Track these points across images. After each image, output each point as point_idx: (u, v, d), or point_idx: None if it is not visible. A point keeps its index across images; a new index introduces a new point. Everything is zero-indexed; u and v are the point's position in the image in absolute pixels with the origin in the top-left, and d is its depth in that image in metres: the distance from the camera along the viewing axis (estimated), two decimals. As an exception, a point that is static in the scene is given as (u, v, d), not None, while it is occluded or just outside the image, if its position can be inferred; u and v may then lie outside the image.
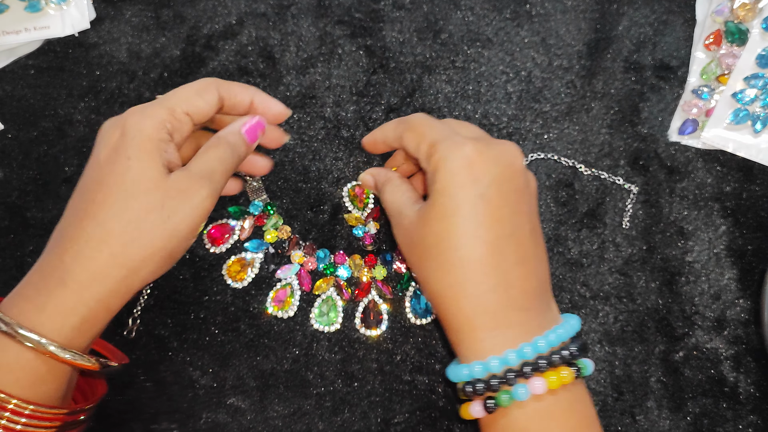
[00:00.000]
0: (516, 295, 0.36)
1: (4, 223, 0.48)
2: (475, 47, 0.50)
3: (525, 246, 0.36)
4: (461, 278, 0.35)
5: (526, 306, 0.36)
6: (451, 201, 0.35)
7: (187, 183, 0.36)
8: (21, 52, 0.51)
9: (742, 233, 0.47)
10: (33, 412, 0.34)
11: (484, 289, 0.35)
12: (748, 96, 0.47)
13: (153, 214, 0.35)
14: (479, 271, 0.35)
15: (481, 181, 0.36)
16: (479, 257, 0.35)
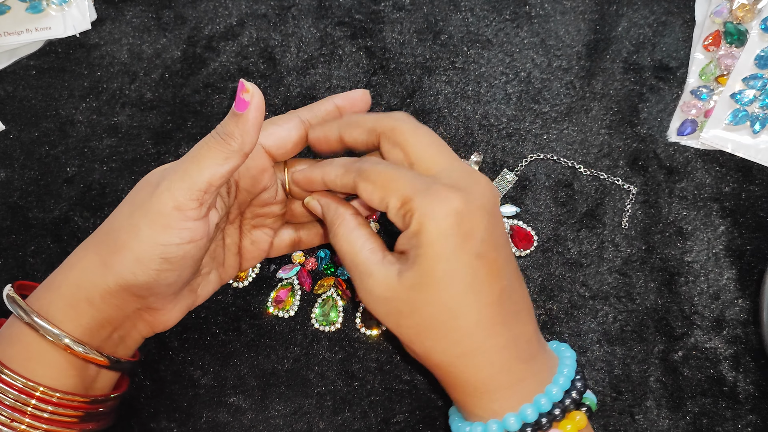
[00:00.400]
0: (522, 346, 0.34)
1: (6, 223, 0.48)
2: (475, 48, 0.50)
3: (518, 290, 0.35)
4: (470, 347, 0.33)
5: (533, 354, 0.35)
6: (447, 266, 0.32)
7: (157, 177, 0.36)
8: (22, 53, 0.51)
9: (741, 233, 0.47)
10: (60, 399, 0.36)
11: (494, 351, 0.34)
12: (747, 97, 0.47)
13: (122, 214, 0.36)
14: (488, 335, 0.33)
15: (474, 238, 0.33)
16: (486, 321, 0.33)
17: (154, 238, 0.34)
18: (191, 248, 0.35)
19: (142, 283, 0.35)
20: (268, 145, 0.39)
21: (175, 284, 0.37)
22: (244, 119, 0.34)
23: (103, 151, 0.49)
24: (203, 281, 0.42)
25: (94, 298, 0.36)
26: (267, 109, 0.50)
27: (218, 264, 0.42)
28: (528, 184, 0.48)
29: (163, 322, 0.40)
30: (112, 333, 0.38)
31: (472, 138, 0.49)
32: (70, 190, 0.49)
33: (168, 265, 0.35)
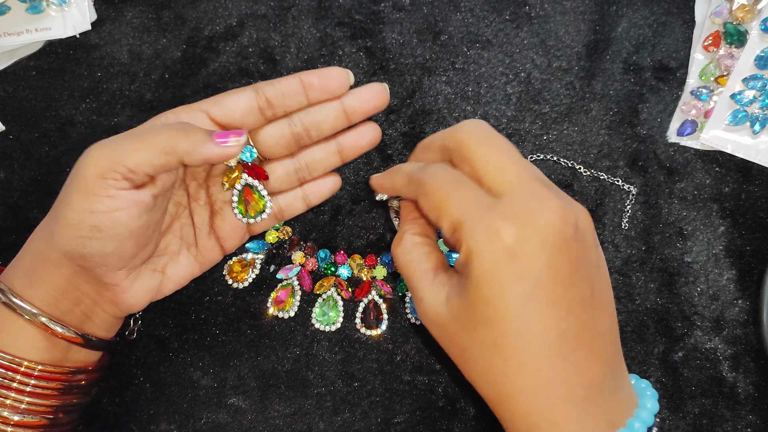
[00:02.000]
0: (576, 385, 0.30)
1: (6, 223, 0.48)
2: (475, 49, 0.50)
3: (585, 320, 0.30)
4: (519, 385, 0.30)
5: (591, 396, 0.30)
6: (491, 308, 0.29)
7: None
8: (22, 54, 0.51)
9: (740, 234, 0.47)
10: (41, 372, 0.37)
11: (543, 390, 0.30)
12: (747, 97, 0.47)
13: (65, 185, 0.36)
14: (537, 373, 0.30)
15: (527, 279, 0.29)
16: (534, 359, 0.30)
17: (82, 204, 0.34)
18: (122, 216, 0.35)
19: (76, 251, 0.35)
20: (215, 115, 0.39)
21: (115, 255, 0.36)
22: (209, 145, 0.36)
23: (103, 152, 0.49)
24: (171, 261, 0.41)
25: (45, 269, 0.37)
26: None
27: (189, 244, 0.42)
28: (528, 184, 0.48)
29: (124, 301, 0.39)
30: (72, 308, 0.38)
31: (472, 138, 0.49)
32: (70, 190, 0.49)
33: (99, 233, 0.34)
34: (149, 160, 0.34)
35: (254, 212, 0.42)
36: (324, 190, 0.45)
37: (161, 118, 0.39)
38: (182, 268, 0.42)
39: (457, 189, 0.31)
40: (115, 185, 0.34)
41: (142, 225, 0.36)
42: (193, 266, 0.42)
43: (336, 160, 0.44)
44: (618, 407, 0.31)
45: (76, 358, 0.39)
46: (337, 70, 0.40)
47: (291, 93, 0.40)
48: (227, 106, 0.39)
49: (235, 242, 0.43)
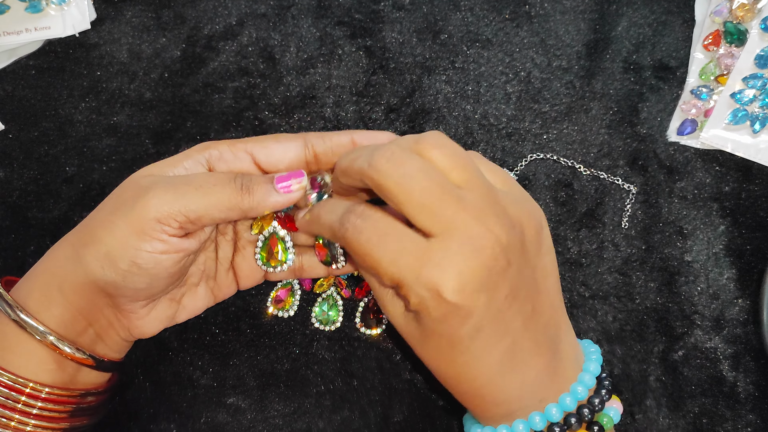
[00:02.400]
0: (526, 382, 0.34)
1: (5, 223, 0.48)
2: (475, 48, 0.50)
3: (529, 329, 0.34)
4: (477, 398, 0.35)
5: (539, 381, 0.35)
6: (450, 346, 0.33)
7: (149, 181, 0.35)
8: (22, 53, 0.51)
9: (741, 233, 0.47)
10: (48, 394, 0.36)
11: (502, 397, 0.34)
12: (747, 96, 0.47)
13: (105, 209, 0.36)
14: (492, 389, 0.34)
15: (471, 321, 0.31)
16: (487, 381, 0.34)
17: (128, 239, 0.34)
18: (165, 260, 0.35)
19: (109, 280, 0.35)
20: (259, 159, 0.38)
21: (145, 291, 0.36)
22: (274, 196, 0.35)
23: (103, 151, 0.49)
24: (189, 292, 0.41)
25: (65, 288, 0.36)
26: (266, 109, 0.50)
27: (208, 277, 0.41)
28: (528, 183, 0.48)
29: (138, 327, 0.39)
30: (87, 328, 0.37)
31: (471, 138, 0.49)
32: (70, 189, 0.49)
33: (137, 270, 0.35)
34: (212, 215, 0.35)
35: (275, 262, 0.41)
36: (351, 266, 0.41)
37: (205, 153, 0.37)
38: (199, 300, 0.41)
39: (385, 244, 0.31)
40: (169, 232, 0.34)
41: (181, 268, 0.37)
42: (209, 299, 0.42)
43: None
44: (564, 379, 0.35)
45: (85, 380, 0.38)
46: (386, 135, 0.38)
47: (341, 152, 0.38)
48: (274, 154, 0.38)
49: (251, 282, 0.43)
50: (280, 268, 0.41)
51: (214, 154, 0.37)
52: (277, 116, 0.50)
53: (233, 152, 0.37)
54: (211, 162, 0.37)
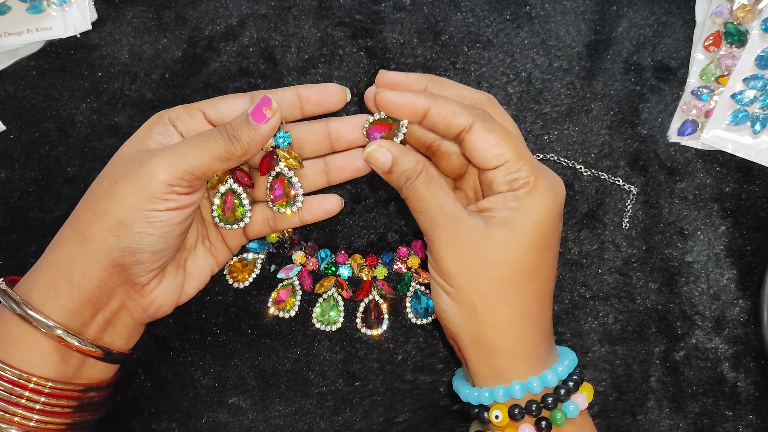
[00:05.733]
0: (548, 332, 0.38)
1: (7, 223, 0.48)
2: (476, 48, 0.50)
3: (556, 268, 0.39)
4: (533, 310, 0.37)
5: (551, 342, 0.39)
6: (545, 238, 0.36)
7: (139, 155, 0.37)
8: (23, 53, 0.51)
9: (741, 234, 0.47)
10: (51, 389, 0.36)
11: (546, 321, 0.38)
12: (748, 97, 0.47)
13: (101, 187, 0.37)
14: (548, 305, 0.38)
15: (560, 226, 0.38)
16: (540, 295, 0.37)
17: (139, 204, 0.36)
18: (177, 215, 0.37)
19: (124, 246, 0.36)
20: (210, 115, 0.40)
21: (160, 253, 0.37)
22: (256, 131, 0.37)
23: (104, 152, 0.49)
24: (190, 256, 0.42)
25: (72, 274, 0.36)
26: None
27: (203, 236, 0.43)
28: (529, 184, 0.48)
29: (153, 301, 0.39)
30: (96, 314, 0.37)
31: (472, 138, 0.49)
32: (71, 190, 0.49)
33: (152, 230, 0.36)
34: (214, 167, 0.37)
35: (231, 219, 0.41)
36: (319, 210, 0.43)
37: (164, 117, 0.40)
38: (201, 262, 0.42)
39: (520, 143, 0.38)
40: (179, 191, 0.36)
41: (189, 223, 0.39)
42: (210, 260, 0.43)
43: (322, 181, 0.43)
44: (550, 360, 0.38)
45: (89, 374, 0.38)
46: (334, 87, 0.41)
47: (286, 104, 0.40)
48: (222, 109, 0.40)
49: (235, 242, 0.44)
50: (236, 225, 0.41)
51: (172, 116, 0.40)
52: (278, 117, 0.50)
53: (187, 112, 0.40)
54: (173, 123, 0.39)
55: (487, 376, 0.37)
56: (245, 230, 0.44)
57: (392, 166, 0.38)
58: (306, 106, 0.41)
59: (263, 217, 0.43)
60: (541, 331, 0.37)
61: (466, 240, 0.36)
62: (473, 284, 0.36)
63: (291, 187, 0.41)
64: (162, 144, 0.38)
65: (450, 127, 0.37)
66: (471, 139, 0.36)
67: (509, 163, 0.36)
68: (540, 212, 0.36)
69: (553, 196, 0.36)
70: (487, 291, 0.36)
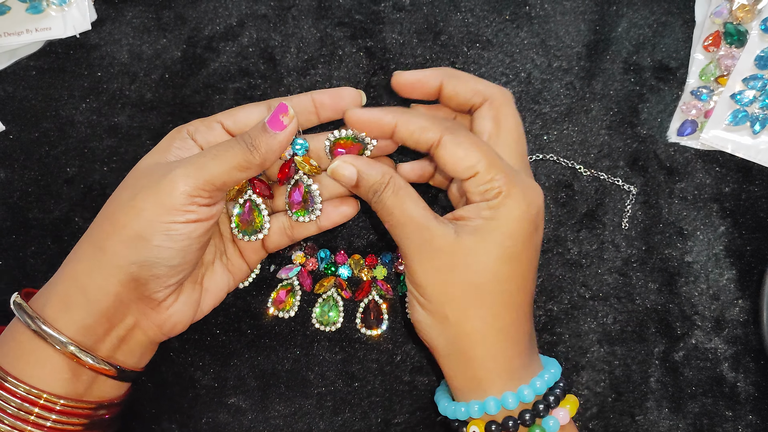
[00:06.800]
0: (527, 343, 0.37)
1: (6, 223, 0.48)
2: (475, 49, 0.50)
3: (534, 275, 0.38)
4: (506, 323, 0.36)
5: (530, 353, 0.38)
6: (518, 248, 0.35)
7: (159, 167, 0.37)
8: (22, 54, 0.51)
9: (741, 234, 0.47)
10: (63, 407, 0.35)
11: (522, 334, 0.37)
12: (747, 97, 0.47)
13: (119, 200, 0.37)
14: (524, 317, 0.37)
15: (539, 234, 0.37)
16: (527, 304, 0.37)
17: (159, 217, 0.35)
18: (196, 228, 0.36)
19: (142, 260, 0.35)
20: (228, 125, 0.40)
21: (178, 267, 0.37)
22: (274, 139, 0.37)
23: (104, 152, 0.49)
24: (207, 271, 0.41)
25: (88, 288, 0.36)
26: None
27: (220, 252, 0.42)
28: (528, 184, 0.48)
29: (169, 319, 0.39)
30: (110, 330, 0.37)
31: (472, 138, 0.49)
32: (71, 190, 0.49)
33: (170, 243, 0.35)
34: (234, 177, 0.36)
35: (250, 230, 0.41)
36: (336, 214, 0.42)
37: (182, 131, 0.40)
38: (218, 278, 0.41)
39: (490, 146, 0.37)
40: (200, 202, 0.36)
41: (209, 237, 0.38)
42: (227, 277, 0.42)
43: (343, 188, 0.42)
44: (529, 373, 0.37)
45: (100, 392, 0.38)
46: (349, 91, 0.40)
47: (301, 111, 0.40)
48: (239, 119, 0.40)
49: (253, 255, 0.43)
50: (255, 236, 0.41)
51: (191, 129, 0.40)
52: (277, 117, 0.50)
53: (205, 125, 0.40)
54: (192, 136, 0.39)
55: (465, 389, 0.37)
56: (264, 243, 0.43)
57: (358, 180, 0.38)
58: (322, 111, 0.41)
59: (280, 228, 0.42)
60: (516, 344, 0.36)
61: (436, 249, 0.35)
62: (444, 294, 0.35)
63: (309, 195, 0.40)
64: (181, 157, 0.38)
65: (419, 142, 0.37)
66: (440, 153, 0.36)
67: (480, 174, 0.35)
68: (511, 221, 0.35)
69: (527, 204, 0.35)
70: (458, 301, 0.35)
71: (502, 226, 0.35)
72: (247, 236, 0.41)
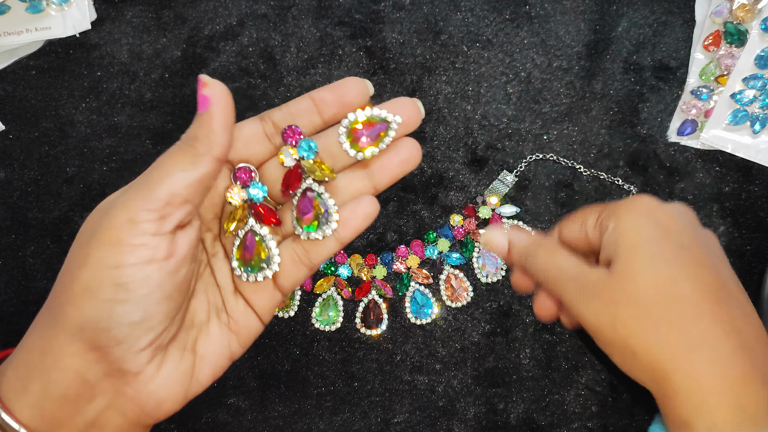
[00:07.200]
0: (760, 359, 0.30)
1: (6, 223, 0.48)
2: (475, 48, 0.50)
3: (743, 302, 0.31)
4: (694, 334, 0.30)
5: None
6: (646, 255, 0.31)
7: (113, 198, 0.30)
8: (22, 53, 0.51)
9: (741, 233, 0.47)
10: None
11: (725, 348, 0.29)
12: (747, 97, 0.47)
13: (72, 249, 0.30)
14: (712, 322, 0.30)
15: (673, 231, 0.32)
16: (706, 307, 0.30)
17: (105, 260, 0.28)
18: (154, 272, 0.28)
19: (93, 319, 0.28)
20: None
21: (143, 325, 0.29)
22: (207, 117, 0.29)
23: (103, 152, 0.49)
24: (201, 334, 0.32)
25: (44, 364, 0.29)
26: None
27: (218, 309, 0.33)
28: (528, 184, 0.48)
29: (151, 395, 0.30)
30: (74, 415, 0.29)
31: (472, 138, 0.49)
32: (70, 190, 0.49)
33: (124, 294, 0.28)
34: (183, 182, 0.29)
35: (256, 265, 0.32)
36: (355, 218, 0.33)
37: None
38: (215, 341, 0.33)
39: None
40: (149, 230, 0.28)
41: (178, 283, 0.30)
42: (228, 338, 0.33)
43: (365, 187, 0.34)
44: None
45: None
46: (352, 80, 0.33)
47: (301, 112, 0.33)
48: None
49: (265, 302, 0.34)
50: (261, 274, 0.32)
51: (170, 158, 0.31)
52: (277, 117, 0.50)
53: None
54: None
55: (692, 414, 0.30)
56: (277, 281, 0.33)
57: (512, 246, 0.37)
58: (325, 109, 0.34)
59: (292, 256, 0.33)
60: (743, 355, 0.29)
61: (594, 289, 0.32)
62: (616, 329, 0.31)
63: (322, 204, 0.32)
64: None
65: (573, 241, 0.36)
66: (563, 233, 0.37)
67: (588, 223, 0.35)
68: (631, 230, 0.32)
69: (641, 210, 0.32)
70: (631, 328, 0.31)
71: (623, 244, 0.32)
72: (252, 274, 0.32)
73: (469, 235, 0.48)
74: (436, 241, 0.48)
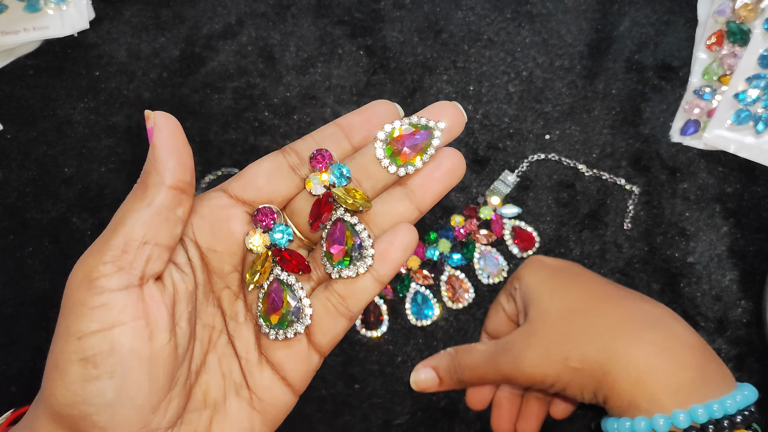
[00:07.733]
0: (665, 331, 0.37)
1: (4, 223, 0.48)
2: (476, 47, 0.50)
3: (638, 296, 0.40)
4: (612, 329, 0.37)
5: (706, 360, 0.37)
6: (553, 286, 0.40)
7: None
8: (20, 53, 0.50)
9: (743, 234, 0.47)
10: None
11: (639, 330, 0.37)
12: (750, 96, 0.47)
13: None
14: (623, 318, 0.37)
15: (564, 268, 0.42)
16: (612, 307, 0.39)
17: (68, 329, 0.24)
18: (123, 338, 0.24)
19: (66, 403, 0.24)
20: (234, 189, 0.29)
21: (123, 407, 0.24)
22: (151, 148, 0.26)
23: (102, 152, 0.49)
24: (217, 416, 0.28)
25: None
26: (266, 110, 0.49)
27: (237, 385, 0.29)
28: (530, 184, 0.48)
29: None
30: None
31: (473, 138, 0.49)
32: (68, 190, 0.48)
33: (93, 369, 0.24)
34: (139, 220, 0.25)
35: (285, 320, 0.28)
36: (395, 251, 0.28)
37: None
38: (235, 423, 0.28)
39: None
40: (108, 284, 0.24)
41: (161, 353, 0.25)
42: (251, 417, 0.29)
43: (406, 210, 0.29)
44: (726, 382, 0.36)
45: None
46: (381, 103, 0.30)
47: (327, 139, 0.30)
48: (246, 175, 0.29)
49: (299, 366, 0.29)
50: (292, 329, 0.28)
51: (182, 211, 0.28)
52: (276, 117, 0.49)
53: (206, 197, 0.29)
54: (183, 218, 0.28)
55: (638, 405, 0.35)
56: (312, 338, 0.29)
57: (441, 374, 0.43)
58: (354, 134, 0.30)
59: (326, 307, 0.29)
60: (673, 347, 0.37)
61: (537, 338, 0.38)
62: (582, 354, 0.37)
63: (355, 236, 0.28)
64: None
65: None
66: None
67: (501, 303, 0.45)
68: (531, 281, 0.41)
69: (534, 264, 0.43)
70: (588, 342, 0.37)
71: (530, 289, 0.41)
72: (281, 330, 0.28)
73: (470, 235, 0.47)
74: (437, 242, 0.47)
